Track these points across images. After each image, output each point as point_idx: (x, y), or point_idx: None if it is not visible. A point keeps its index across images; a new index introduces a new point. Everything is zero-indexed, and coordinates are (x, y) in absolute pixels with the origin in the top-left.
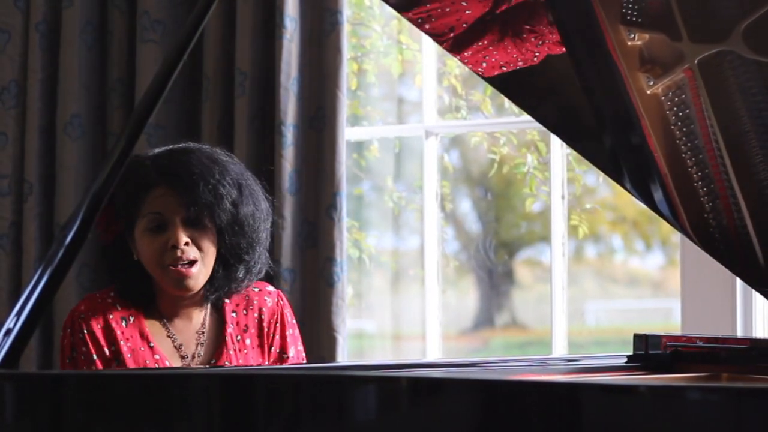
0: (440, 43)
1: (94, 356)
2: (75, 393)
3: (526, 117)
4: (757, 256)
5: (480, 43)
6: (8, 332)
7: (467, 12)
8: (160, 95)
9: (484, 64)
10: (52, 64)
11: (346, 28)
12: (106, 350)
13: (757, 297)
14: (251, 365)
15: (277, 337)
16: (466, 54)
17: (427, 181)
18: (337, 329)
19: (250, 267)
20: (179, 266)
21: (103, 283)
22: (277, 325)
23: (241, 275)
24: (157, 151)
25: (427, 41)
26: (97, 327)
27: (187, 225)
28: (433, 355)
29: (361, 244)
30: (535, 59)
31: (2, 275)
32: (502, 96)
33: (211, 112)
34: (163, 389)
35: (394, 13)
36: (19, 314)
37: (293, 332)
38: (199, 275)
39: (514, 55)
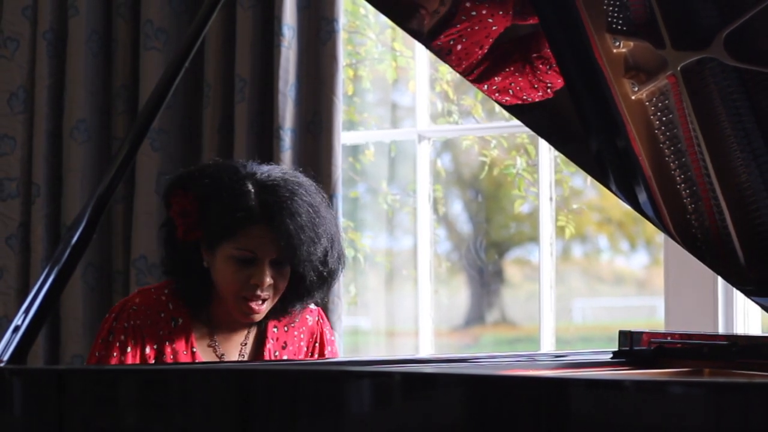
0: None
1: (128, 348)
2: (81, 388)
3: (516, 121)
4: (738, 256)
5: (497, 77)
6: (16, 329)
7: (494, 27)
8: (162, 101)
9: (502, 95)
10: (58, 71)
11: (342, 36)
12: (147, 348)
13: (737, 295)
14: None
15: (316, 356)
16: (484, 87)
17: (420, 183)
18: (333, 326)
19: (307, 302)
20: (253, 303)
21: (106, 282)
22: (317, 344)
23: (297, 309)
24: (261, 174)
25: (420, 49)
26: (146, 322)
27: (272, 265)
28: (426, 351)
29: (356, 244)
30: (542, 93)
31: (11, 274)
32: (493, 101)
33: (212, 117)
34: (165, 385)
35: (389, 21)
36: (27, 312)
37: (332, 349)
38: (267, 311)
39: (534, 85)
